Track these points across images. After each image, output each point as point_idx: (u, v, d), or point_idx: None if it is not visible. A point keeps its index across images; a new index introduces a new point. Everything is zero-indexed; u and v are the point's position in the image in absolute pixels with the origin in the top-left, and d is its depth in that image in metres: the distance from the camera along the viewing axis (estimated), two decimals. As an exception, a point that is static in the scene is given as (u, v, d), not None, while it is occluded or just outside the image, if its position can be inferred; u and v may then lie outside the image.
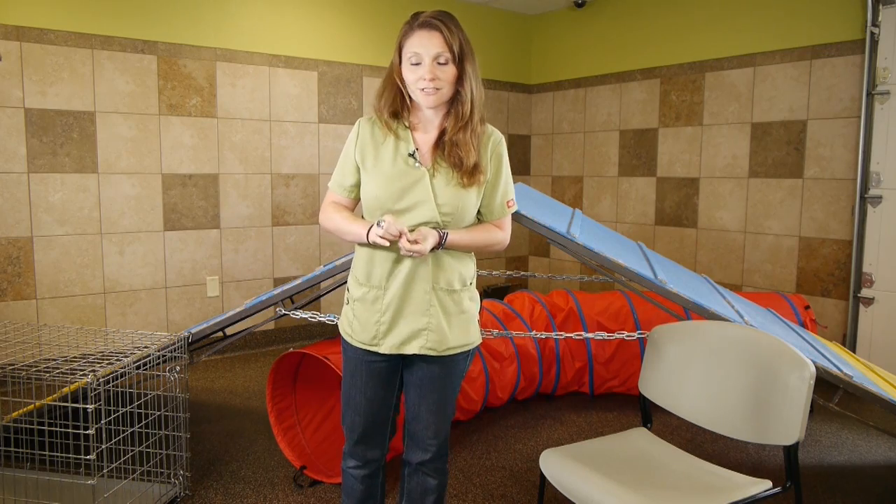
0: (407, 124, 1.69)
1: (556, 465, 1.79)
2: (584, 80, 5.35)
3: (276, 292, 2.79)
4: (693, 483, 1.72)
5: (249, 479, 2.63)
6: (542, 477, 1.84)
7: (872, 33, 3.66)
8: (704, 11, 4.50)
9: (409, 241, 1.55)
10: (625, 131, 5.09)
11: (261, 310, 2.83)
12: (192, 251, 4.18)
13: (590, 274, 4.72)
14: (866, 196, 3.77)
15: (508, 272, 3.71)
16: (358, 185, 1.76)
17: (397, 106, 1.69)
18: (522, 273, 3.78)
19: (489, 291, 5.52)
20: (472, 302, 1.74)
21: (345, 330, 1.77)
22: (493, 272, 4.00)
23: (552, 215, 2.79)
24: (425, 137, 1.69)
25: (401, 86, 1.67)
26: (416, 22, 1.67)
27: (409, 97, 1.68)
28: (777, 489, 1.66)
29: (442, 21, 1.63)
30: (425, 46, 1.62)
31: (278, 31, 4.37)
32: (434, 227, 1.62)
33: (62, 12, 3.64)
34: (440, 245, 1.62)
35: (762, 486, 1.66)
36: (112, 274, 3.91)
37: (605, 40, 5.17)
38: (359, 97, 4.77)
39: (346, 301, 1.80)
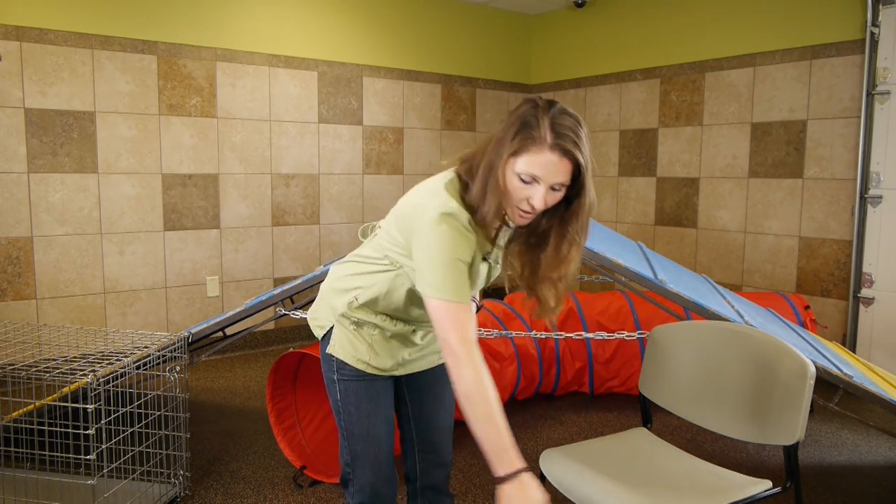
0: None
1: (556, 465, 1.79)
2: (584, 80, 5.35)
3: (276, 292, 2.79)
4: (693, 483, 1.72)
5: (249, 479, 2.63)
6: (542, 477, 1.84)
7: (872, 33, 3.66)
8: (704, 11, 4.49)
9: None
10: (625, 131, 5.08)
11: (261, 310, 2.83)
12: (192, 251, 4.18)
13: (590, 274, 4.72)
14: (866, 196, 3.77)
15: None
16: None
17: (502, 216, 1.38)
18: (522, 273, 3.77)
19: (489, 291, 5.52)
20: None
21: (358, 359, 1.54)
22: (493, 272, 4.00)
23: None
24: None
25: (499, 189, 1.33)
26: (551, 139, 1.28)
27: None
28: (777, 489, 1.66)
29: (579, 146, 1.29)
30: (549, 173, 1.30)
31: (278, 31, 4.37)
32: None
33: (62, 12, 3.64)
34: None
35: (762, 486, 1.66)
36: (112, 274, 3.91)
37: (605, 40, 5.17)
38: (359, 97, 4.77)
39: (351, 326, 1.55)
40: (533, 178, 1.29)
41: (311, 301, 3.02)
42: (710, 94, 4.51)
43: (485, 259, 1.45)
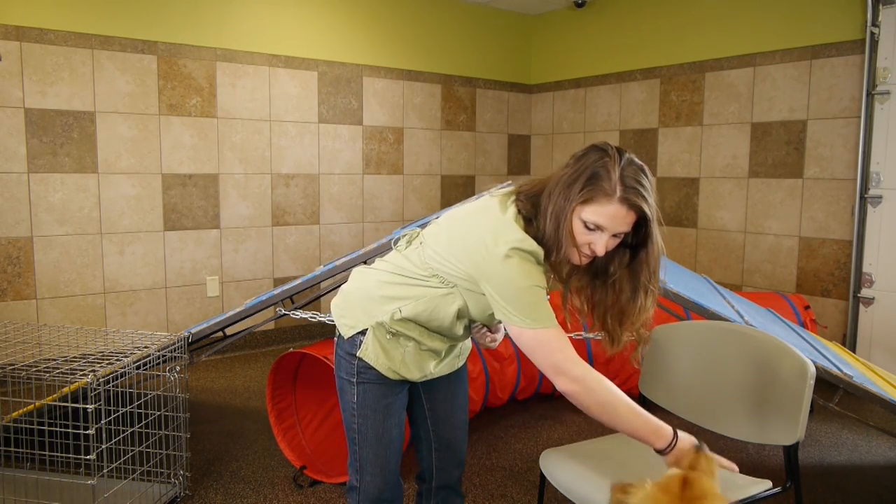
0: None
1: (556, 465, 1.79)
2: (584, 80, 5.35)
3: (276, 292, 2.79)
4: (693, 483, 1.72)
5: (249, 479, 2.63)
6: (542, 477, 1.84)
7: (872, 33, 3.66)
8: (704, 11, 4.49)
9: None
10: (625, 131, 5.08)
11: (261, 310, 2.83)
12: (192, 251, 4.18)
13: (590, 274, 4.72)
14: (866, 196, 3.77)
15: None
16: None
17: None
18: (522, 273, 3.78)
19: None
20: None
21: (388, 367, 1.53)
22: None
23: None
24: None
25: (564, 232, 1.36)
26: (620, 192, 1.32)
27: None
28: (777, 489, 1.66)
29: (646, 198, 1.34)
30: (615, 223, 1.34)
31: (278, 31, 4.37)
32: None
33: (62, 12, 3.64)
34: None
35: (762, 486, 1.66)
36: (112, 274, 3.91)
37: (605, 40, 5.17)
38: (359, 97, 4.77)
39: (387, 335, 1.52)
40: (597, 226, 1.34)
41: (312, 301, 3.03)
42: (710, 94, 4.51)
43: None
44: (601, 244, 1.35)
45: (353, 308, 1.57)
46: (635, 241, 1.42)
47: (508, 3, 5.32)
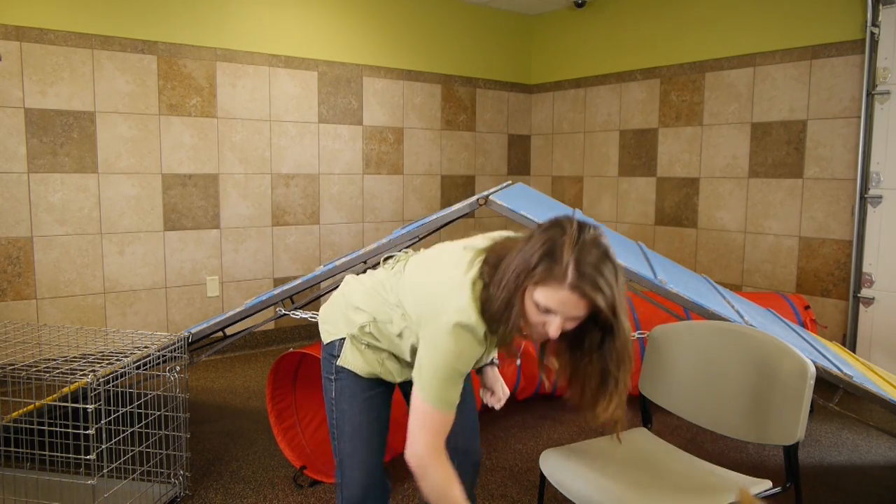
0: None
1: (556, 465, 1.79)
2: (584, 80, 5.35)
3: (276, 292, 2.79)
4: (693, 483, 1.72)
5: (249, 479, 2.63)
6: (542, 477, 1.84)
7: (872, 33, 3.66)
8: (704, 11, 4.50)
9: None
10: (625, 131, 5.08)
11: (261, 310, 2.83)
12: (192, 251, 4.18)
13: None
14: (866, 196, 3.77)
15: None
16: None
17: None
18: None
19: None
20: None
21: (368, 371, 1.57)
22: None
23: (552, 215, 2.78)
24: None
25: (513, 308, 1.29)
26: (572, 278, 1.21)
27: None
28: (777, 489, 1.66)
29: (600, 288, 1.22)
30: (565, 308, 1.25)
31: (278, 31, 4.37)
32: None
33: (62, 12, 3.64)
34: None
35: (762, 486, 1.66)
36: (112, 274, 3.91)
37: (605, 40, 5.17)
38: (359, 97, 4.77)
39: (362, 346, 1.56)
40: (548, 310, 1.25)
41: (312, 301, 3.03)
42: (710, 94, 4.51)
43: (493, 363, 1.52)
44: (554, 327, 1.26)
45: (336, 315, 1.61)
46: (600, 325, 1.31)
47: (508, 3, 5.32)
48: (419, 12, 5.02)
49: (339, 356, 1.57)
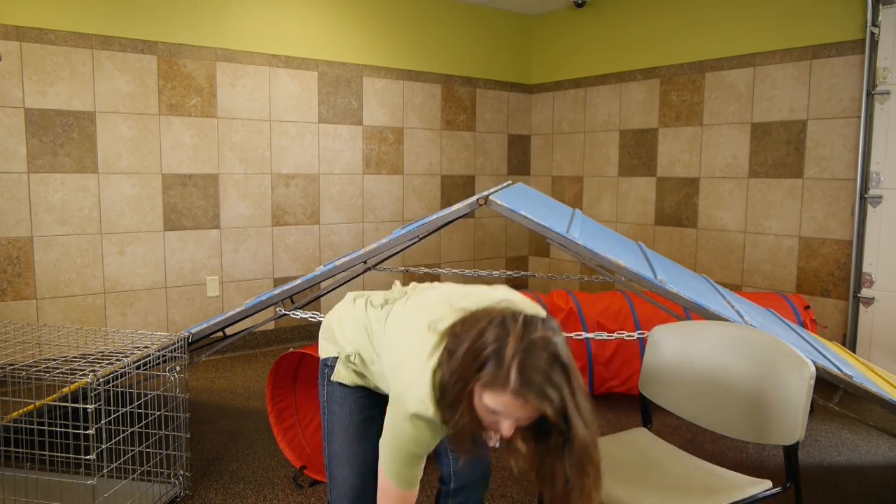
0: None
1: (556, 465, 1.79)
2: (584, 80, 5.35)
3: (276, 292, 2.79)
4: (693, 483, 1.72)
5: (249, 479, 2.63)
6: (542, 477, 1.84)
7: (872, 33, 3.66)
8: (704, 11, 4.50)
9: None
10: (625, 131, 5.08)
11: (261, 310, 2.83)
12: (192, 251, 4.18)
13: (590, 274, 4.72)
14: (866, 196, 3.77)
15: (508, 272, 3.71)
16: None
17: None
18: (522, 273, 3.78)
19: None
20: None
21: (363, 385, 1.58)
22: (493, 272, 4.01)
23: (552, 215, 2.79)
24: None
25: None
26: (515, 383, 1.14)
27: None
28: (777, 489, 1.66)
29: (547, 395, 1.14)
30: (512, 412, 1.18)
31: (278, 31, 4.37)
32: None
33: (62, 12, 3.64)
34: None
35: (762, 486, 1.66)
36: (112, 274, 3.91)
37: (605, 40, 5.17)
38: (359, 97, 4.77)
39: (351, 367, 1.58)
40: (495, 412, 1.19)
41: (311, 301, 3.03)
42: (710, 94, 4.51)
43: None
44: (505, 427, 1.19)
45: (333, 334, 1.63)
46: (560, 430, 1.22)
47: (508, 3, 5.32)
48: (419, 12, 5.02)
49: (333, 370, 1.60)
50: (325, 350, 1.65)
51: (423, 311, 1.41)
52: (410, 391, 1.29)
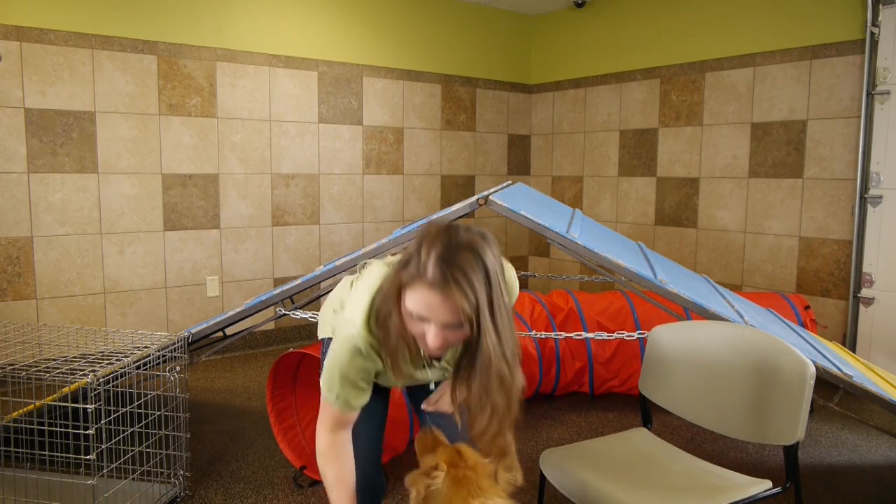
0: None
1: (556, 465, 1.79)
2: (584, 80, 5.35)
3: (276, 292, 2.79)
4: (693, 483, 1.72)
5: (249, 479, 2.63)
6: (542, 477, 1.84)
7: (872, 33, 3.66)
8: (704, 11, 4.50)
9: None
10: (625, 131, 5.08)
11: (261, 310, 2.83)
12: (192, 251, 4.18)
13: (590, 274, 4.72)
14: (866, 196, 3.77)
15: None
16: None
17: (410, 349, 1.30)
18: (522, 273, 3.78)
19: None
20: None
21: None
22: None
23: (552, 215, 2.79)
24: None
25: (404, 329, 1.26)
26: (432, 276, 1.15)
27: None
28: (777, 489, 1.66)
29: (463, 290, 1.13)
30: (434, 312, 1.17)
31: (278, 31, 4.37)
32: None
33: (62, 12, 3.64)
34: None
35: (762, 486, 1.66)
36: (112, 274, 3.91)
37: (605, 40, 5.17)
38: (359, 97, 4.77)
39: None
40: (420, 317, 1.18)
41: (312, 301, 3.03)
42: (710, 94, 4.51)
43: (432, 365, 1.42)
44: (431, 336, 1.18)
45: (326, 313, 1.68)
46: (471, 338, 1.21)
47: (508, 3, 5.32)
48: (419, 12, 5.02)
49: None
50: (322, 331, 1.70)
51: (384, 263, 1.47)
52: (351, 322, 1.34)
